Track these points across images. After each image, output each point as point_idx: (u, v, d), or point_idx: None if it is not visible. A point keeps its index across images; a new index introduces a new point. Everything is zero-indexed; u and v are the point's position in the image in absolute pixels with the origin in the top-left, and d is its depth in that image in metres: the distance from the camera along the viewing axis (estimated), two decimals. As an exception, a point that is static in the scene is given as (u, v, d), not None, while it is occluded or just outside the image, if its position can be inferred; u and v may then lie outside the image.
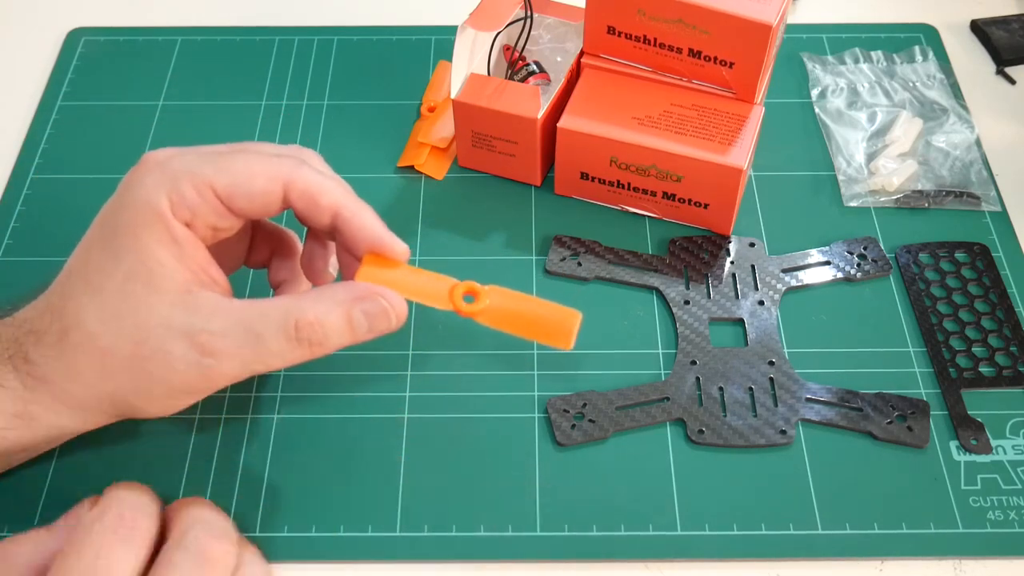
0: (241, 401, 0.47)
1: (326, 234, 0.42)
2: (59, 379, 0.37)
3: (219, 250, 0.41)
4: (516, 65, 0.55)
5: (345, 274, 0.42)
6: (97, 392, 0.38)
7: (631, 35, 0.51)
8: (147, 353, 0.36)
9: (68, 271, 0.39)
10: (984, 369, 0.48)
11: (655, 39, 0.51)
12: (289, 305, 0.37)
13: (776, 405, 0.47)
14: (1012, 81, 0.62)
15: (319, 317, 0.37)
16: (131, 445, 0.46)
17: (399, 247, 0.39)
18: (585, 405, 0.47)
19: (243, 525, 0.43)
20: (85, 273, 0.38)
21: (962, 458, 0.45)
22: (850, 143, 0.57)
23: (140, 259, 0.36)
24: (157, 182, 0.37)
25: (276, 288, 0.45)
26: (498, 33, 0.55)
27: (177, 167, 0.37)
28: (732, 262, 0.52)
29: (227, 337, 0.36)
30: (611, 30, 0.52)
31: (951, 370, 0.48)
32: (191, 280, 0.37)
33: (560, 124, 0.51)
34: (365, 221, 0.39)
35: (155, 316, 0.36)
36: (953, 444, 0.46)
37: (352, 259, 0.41)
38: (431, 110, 0.59)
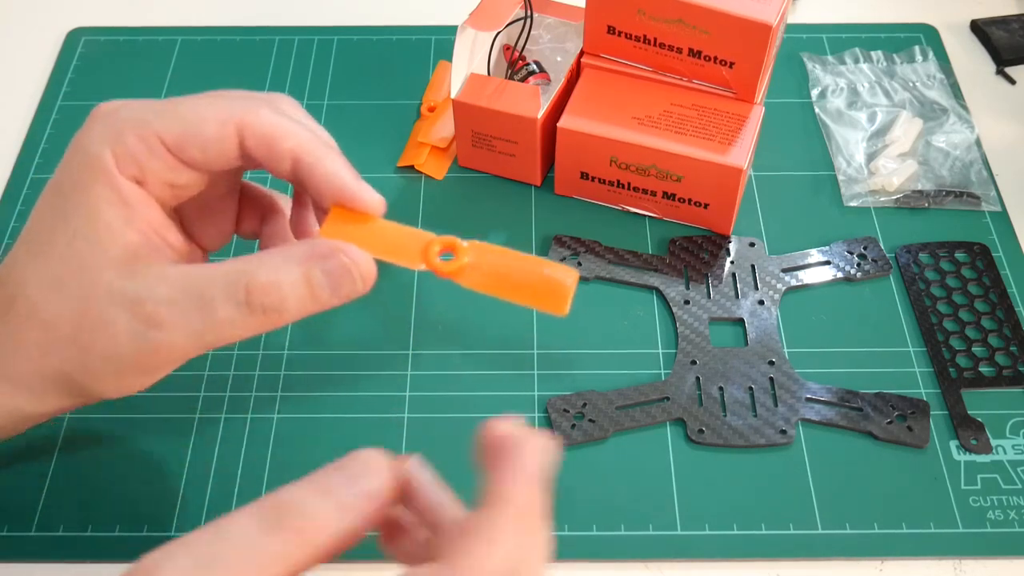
0: (241, 401, 0.47)
1: (291, 181, 0.37)
2: (5, 355, 0.35)
3: (202, 219, 0.38)
4: (516, 65, 0.55)
5: None
6: (42, 368, 0.35)
7: (631, 35, 0.51)
8: (89, 325, 0.33)
9: (20, 238, 0.36)
10: (984, 369, 0.48)
11: (655, 39, 0.51)
12: (240, 267, 0.33)
13: (776, 405, 0.47)
14: (1012, 81, 0.62)
15: (272, 280, 0.33)
16: (131, 445, 0.46)
17: (370, 197, 0.35)
18: (585, 405, 0.47)
19: (243, 525, 0.43)
20: (32, 238, 0.35)
21: (962, 458, 0.45)
22: (850, 143, 0.57)
23: (86, 220, 0.34)
24: (101, 135, 0.34)
25: None
26: (498, 33, 0.55)
27: (123, 117, 0.34)
28: (732, 262, 0.52)
29: (174, 305, 0.33)
30: (611, 30, 0.52)
31: (951, 370, 0.48)
32: (140, 243, 0.34)
33: (560, 124, 0.51)
34: (328, 167, 0.34)
35: (98, 283, 0.33)
36: (953, 444, 0.46)
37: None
38: (431, 110, 0.59)
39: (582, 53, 0.54)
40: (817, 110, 0.59)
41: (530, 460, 0.29)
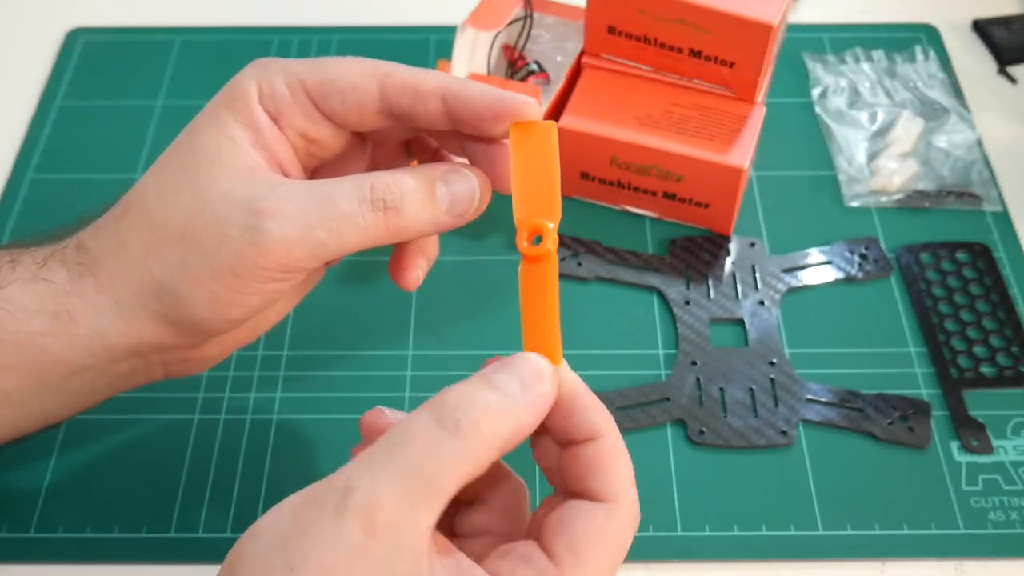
0: (241, 401, 0.47)
1: (442, 123, 0.36)
2: (107, 258, 0.34)
3: None
4: (516, 64, 0.55)
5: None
6: (141, 273, 0.34)
7: (632, 35, 0.51)
8: (200, 224, 0.33)
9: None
10: (985, 369, 0.48)
11: (656, 39, 0.51)
12: (369, 175, 0.34)
13: (777, 405, 0.47)
14: (1013, 81, 0.62)
15: (397, 178, 0.34)
16: (131, 446, 0.46)
17: (521, 99, 0.34)
18: (585, 405, 0.46)
19: (243, 525, 0.43)
20: (159, 159, 0.36)
21: (963, 459, 0.45)
22: (851, 143, 0.57)
23: (212, 135, 0.34)
24: (251, 73, 0.35)
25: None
26: (498, 33, 0.54)
27: (276, 64, 0.35)
28: (733, 262, 0.52)
29: (291, 201, 0.32)
30: (612, 30, 0.52)
31: (952, 370, 0.48)
32: (262, 166, 0.34)
33: (560, 124, 0.51)
34: (477, 85, 0.34)
35: (215, 188, 0.33)
36: (954, 445, 0.46)
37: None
38: (431, 110, 0.58)
39: (582, 53, 0.54)
40: (818, 110, 0.59)
41: (628, 465, 0.33)
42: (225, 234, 0.33)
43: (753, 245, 0.53)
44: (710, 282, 0.51)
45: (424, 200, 0.34)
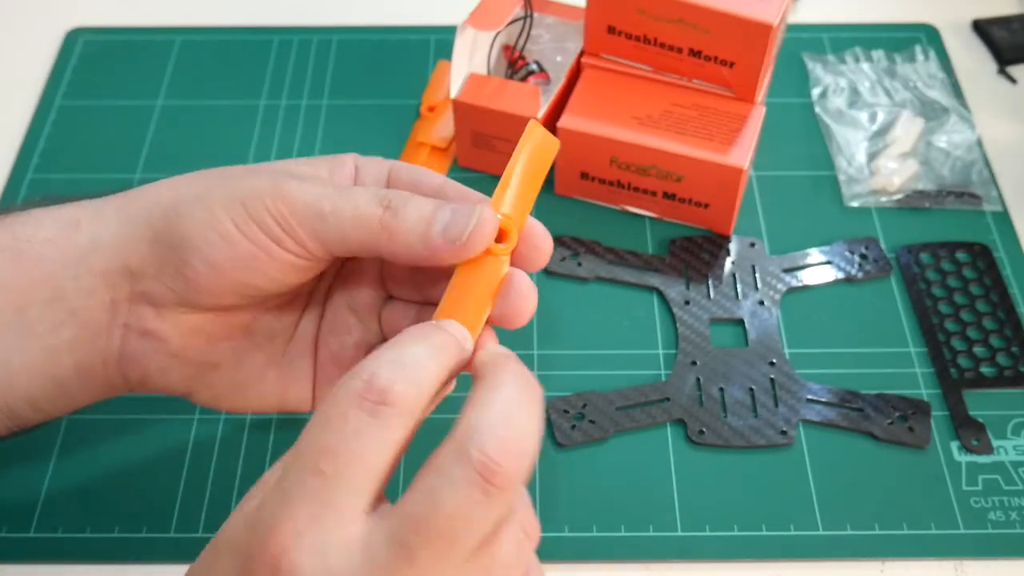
0: (240, 401, 0.47)
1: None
2: (136, 192, 0.36)
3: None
4: (516, 64, 0.55)
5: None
6: (167, 193, 0.35)
7: (631, 35, 0.51)
8: (246, 172, 0.35)
9: None
10: (985, 369, 0.48)
11: (655, 39, 0.51)
12: None
13: (777, 405, 0.47)
14: (1013, 81, 0.62)
15: (413, 194, 0.35)
16: (130, 446, 0.46)
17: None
18: (585, 405, 0.46)
19: (242, 526, 0.43)
20: None
21: (963, 459, 0.45)
22: (851, 143, 0.57)
23: (306, 158, 0.37)
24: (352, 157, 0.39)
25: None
26: (498, 32, 0.54)
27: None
28: (732, 262, 0.52)
29: (316, 174, 0.35)
30: (612, 30, 0.52)
31: (952, 370, 0.48)
32: (328, 179, 0.36)
33: (560, 124, 0.51)
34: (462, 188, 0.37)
35: (280, 167, 0.36)
36: (954, 444, 0.46)
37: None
38: (431, 110, 0.59)
39: (582, 53, 0.54)
40: (818, 110, 0.59)
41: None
42: (255, 175, 0.35)
43: (753, 245, 0.53)
44: (710, 282, 0.51)
45: (423, 215, 0.34)
